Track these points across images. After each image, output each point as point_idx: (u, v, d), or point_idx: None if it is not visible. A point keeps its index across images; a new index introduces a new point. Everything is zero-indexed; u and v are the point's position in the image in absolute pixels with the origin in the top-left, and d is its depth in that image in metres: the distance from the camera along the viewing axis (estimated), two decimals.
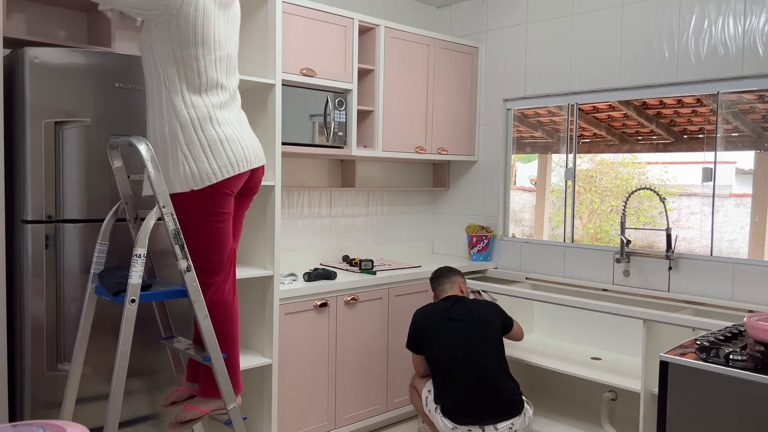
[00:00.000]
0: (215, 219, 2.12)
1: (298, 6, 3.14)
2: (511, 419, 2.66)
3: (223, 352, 2.13)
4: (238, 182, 2.16)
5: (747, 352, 1.82)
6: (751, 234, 3.20)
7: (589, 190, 3.97)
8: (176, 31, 2.03)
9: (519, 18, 3.94)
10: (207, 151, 2.07)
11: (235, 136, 2.14)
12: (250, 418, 2.98)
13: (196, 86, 2.08)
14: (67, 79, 2.21)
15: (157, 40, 2.05)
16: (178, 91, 2.06)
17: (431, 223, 4.47)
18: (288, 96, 3.11)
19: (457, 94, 4.03)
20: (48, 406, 2.22)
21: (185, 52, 2.05)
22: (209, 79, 2.10)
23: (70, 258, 2.25)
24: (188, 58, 2.05)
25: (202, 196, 2.08)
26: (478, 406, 2.66)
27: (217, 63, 2.12)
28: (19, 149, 2.20)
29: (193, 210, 2.08)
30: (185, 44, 2.04)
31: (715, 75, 3.12)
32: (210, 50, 2.09)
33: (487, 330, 2.80)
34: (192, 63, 2.06)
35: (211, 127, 2.09)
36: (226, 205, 2.15)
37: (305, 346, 3.08)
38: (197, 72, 2.07)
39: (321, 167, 3.77)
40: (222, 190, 2.11)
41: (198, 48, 2.06)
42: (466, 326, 2.79)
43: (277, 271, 2.87)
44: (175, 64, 2.05)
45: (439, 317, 2.86)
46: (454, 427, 2.69)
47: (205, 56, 2.08)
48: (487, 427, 2.64)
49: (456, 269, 3.14)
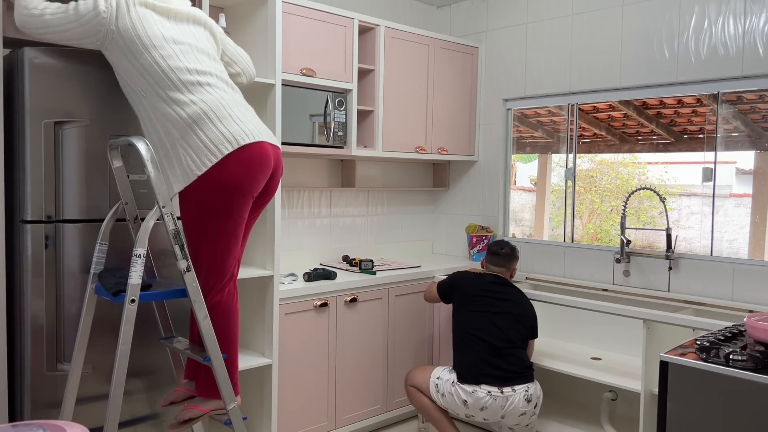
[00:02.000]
0: (230, 222, 2.10)
1: (298, 6, 3.14)
2: (526, 383, 2.85)
3: (222, 352, 2.13)
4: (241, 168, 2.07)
5: (747, 352, 1.82)
6: (751, 234, 3.20)
7: (589, 190, 3.97)
8: (124, 46, 2.05)
9: (519, 18, 3.94)
10: (199, 133, 2.04)
11: (226, 113, 2.10)
12: (250, 418, 2.98)
13: (170, 86, 2.06)
14: (67, 79, 2.21)
15: (116, 62, 2.10)
16: (157, 96, 2.06)
17: (431, 223, 4.47)
18: (288, 96, 3.11)
19: (457, 94, 4.03)
20: (48, 406, 2.22)
21: (143, 62, 2.05)
22: (179, 73, 2.08)
23: (70, 258, 2.25)
24: (148, 66, 2.05)
25: (209, 191, 2.05)
26: (496, 368, 2.83)
27: (179, 55, 2.10)
28: (19, 149, 2.20)
29: (201, 206, 2.07)
30: (139, 54, 2.05)
31: (715, 75, 3.12)
32: (164, 47, 2.08)
33: (518, 324, 2.95)
34: (155, 68, 2.06)
35: (200, 113, 2.06)
36: (242, 207, 2.12)
37: (305, 346, 3.08)
38: (164, 73, 2.06)
39: (321, 167, 3.77)
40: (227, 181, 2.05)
41: (152, 51, 2.06)
42: (502, 307, 2.95)
43: (277, 271, 2.87)
44: (142, 76, 2.06)
45: (486, 288, 3.01)
46: (474, 389, 2.82)
47: (162, 56, 2.07)
48: (505, 389, 2.80)
49: (516, 257, 3.20)
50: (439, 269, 3.71)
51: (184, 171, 2.04)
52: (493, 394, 2.79)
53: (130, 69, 2.07)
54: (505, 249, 3.16)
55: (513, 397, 2.79)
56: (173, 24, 2.15)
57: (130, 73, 2.08)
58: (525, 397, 2.81)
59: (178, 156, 2.05)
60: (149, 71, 2.06)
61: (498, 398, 2.79)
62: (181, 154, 2.04)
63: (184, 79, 2.08)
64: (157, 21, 2.11)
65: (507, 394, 2.79)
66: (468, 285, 3.05)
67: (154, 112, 2.07)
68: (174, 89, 2.06)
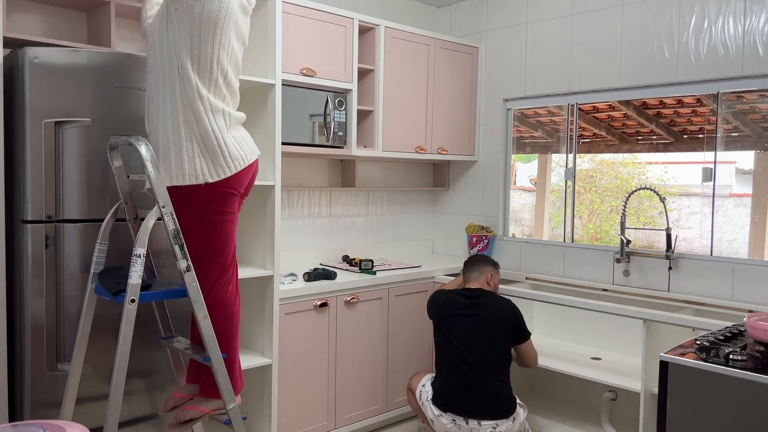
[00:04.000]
0: (224, 218, 2.12)
1: (298, 6, 3.14)
2: (495, 420, 2.71)
3: (222, 352, 2.13)
4: (244, 179, 2.17)
5: (747, 352, 1.82)
6: (751, 234, 3.20)
7: (589, 190, 3.97)
8: (197, 21, 2.03)
9: (519, 18, 3.94)
10: (221, 143, 2.07)
11: (240, 131, 2.19)
12: (250, 418, 2.98)
13: (208, 81, 2.08)
14: (67, 79, 2.21)
15: (175, 27, 2.05)
16: (192, 84, 2.05)
17: (431, 223, 4.47)
18: (288, 96, 3.11)
19: (457, 94, 4.03)
20: (48, 406, 2.22)
21: (201, 45, 2.05)
22: (221, 77, 2.11)
23: (70, 258, 2.25)
24: (204, 51, 2.05)
25: (212, 194, 2.07)
26: (464, 400, 2.72)
27: (228, 64, 2.14)
28: (19, 149, 2.20)
29: (201, 207, 2.08)
30: (203, 38, 2.05)
31: (715, 75, 3.12)
32: (224, 49, 2.10)
33: (493, 332, 2.80)
34: (206, 58, 2.06)
35: (223, 122, 2.09)
36: (233, 204, 2.16)
37: (305, 346, 3.08)
38: (209, 67, 2.07)
39: (321, 167, 3.77)
40: (230, 190, 2.12)
41: (215, 45, 2.07)
42: (473, 321, 2.82)
43: (277, 271, 2.87)
44: (191, 55, 2.05)
45: (454, 306, 2.90)
46: (440, 414, 2.77)
47: (220, 54, 2.08)
48: (471, 421, 2.70)
49: (491, 260, 3.13)
50: (439, 269, 3.71)
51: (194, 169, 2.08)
52: (457, 422, 2.71)
53: (186, 45, 2.08)
54: (474, 257, 3.15)
55: (478, 430, 2.69)
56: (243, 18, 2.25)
57: (182, 49, 2.08)
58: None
59: (191, 151, 2.08)
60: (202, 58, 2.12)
61: (462, 428, 2.71)
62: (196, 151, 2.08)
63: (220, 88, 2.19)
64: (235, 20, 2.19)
65: (471, 426, 2.69)
66: (438, 307, 2.95)
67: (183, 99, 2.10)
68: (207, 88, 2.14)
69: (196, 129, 2.05)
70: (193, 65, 2.05)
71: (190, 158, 2.04)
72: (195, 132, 2.05)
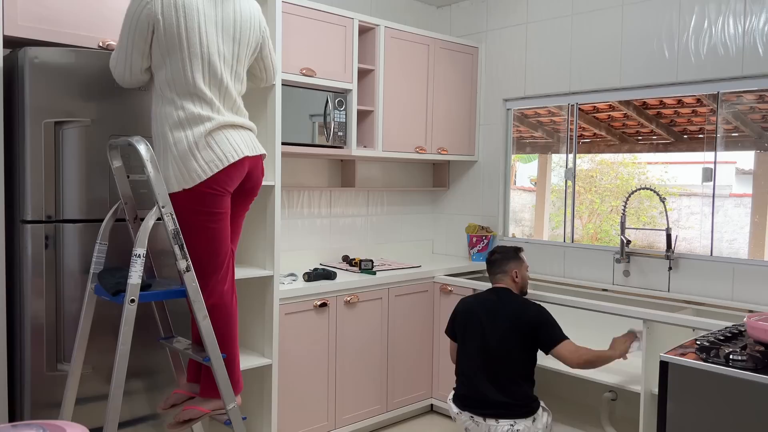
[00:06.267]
0: (208, 219, 2.11)
1: (298, 6, 3.14)
2: (514, 419, 2.66)
3: (222, 352, 2.13)
4: (228, 180, 2.13)
5: (747, 352, 1.82)
6: (751, 234, 3.20)
7: (589, 190, 3.97)
8: (161, 36, 2.05)
9: (519, 18, 3.94)
10: (193, 148, 2.06)
11: (222, 133, 2.13)
12: (250, 418, 2.98)
13: (184, 90, 2.08)
14: (67, 79, 2.21)
15: (152, 50, 2.10)
16: (168, 97, 2.08)
17: (431, 223, 4.47)
18: (288, 96, 3.11)
19: (457, 94, 4.03)
20: (48, 406, 2.22)
21: (171, 57, 2.07)
22: (195, 83, 2.09)
23: (70, 258, 2.25)
24: (174, 62, 2.07)
25: (192, 196, 2.07)
26: (481, 404, 2.70)
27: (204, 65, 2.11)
28: (19, 149, 2.20)
29: (185, 210, 2.08)
30: (171, 48, 2.06)
31: (715, 75, 3.12)
32: (196, 56, 2.09)
33: (511, 340, 2.72)
34: (178, 67, 2.07)
35: (200, 126, 2.08)
36: (219, 204, 2.13)
37: (305, 346, 3.08)
38: (184, 76, 2.07)
39: (321, 167, 3.77)
40: (211, 191, 2.09)
41: (182, 52, 2.06)
42: (491, 330, 2.74)
43: (277, 271, 2.87)
44: (165, 70, 2.08)
45: (477, 309, 2.82)
46: (459, 411, 2.76)
47: (190, 60, 2.08)
48: (488, 419, 2.68)
49: (513, 255, 2.93)
50: (439, 269, 3.71)
51: (172, 178, 2.09)
52: (475, 419, 2.70)
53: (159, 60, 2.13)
54: (494, 255, 2.97)
55: (495, 428, 2.66)
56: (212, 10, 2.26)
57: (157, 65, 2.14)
58: (509, 431, 2.65)
59: (166, 160, 2.10)
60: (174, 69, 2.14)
61: (480, 424, 2.69)
62: (170, 160, 2.09)
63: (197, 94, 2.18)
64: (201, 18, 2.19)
65: (489, 423, 2.67)
66: (460, 314, 2.89)
67: (160, 111, 2.14)
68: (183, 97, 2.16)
69: (171, 138, 2.07)
70: (169, 82, 2.08)
71: (166, 168, 2.07)
72: (169, 141, 2.07)
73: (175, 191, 2.06)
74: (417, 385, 3.66)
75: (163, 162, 2.08)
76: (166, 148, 2.08)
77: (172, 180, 2.06)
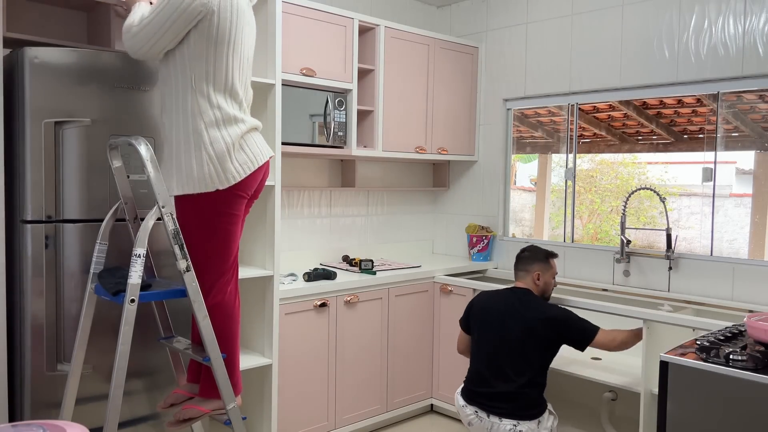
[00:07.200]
0: (228, 221, 2.14)
1: (298, 6, 3.14)
2: (518, 420, 2.65)
3: (222, 353, 2.13)
4: (253, 182, 2.18)
5: (747, 352, 1.82)
6: (751, 234, 3.20)
7: (589, 190, 3.97)
8: (214, 29, 2.05)
9: (519, 18, 3.93)
10: (230, 149, 2.09)
11: (250, 136, 2.20)
12: (250, 418, 2.98)
13: (222, 87, 2.10)
14: (67, 79, 2.21)
15: (191, 38, 2.06)
16: (204, 92, 2.08)
17: (431, 223, 4.47)
18: (288, 96, 3.11)
19: (457, 94, 4.03)
20: (48, 406, 2.22)
21: (218, 51, 2.08)
22: (233, 81, 2.13)
23: (70, 258, 2.25)
24: (219, 57, 2.08)
25: (221, 198, 2.09)
26: (488, 401, 2.69)
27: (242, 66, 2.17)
28: (19, 149, 2.20)
29: (208, 211, 2.09)
30: (220, 43, 2.07)
31: (715, 75, 3.12)
32: (237, 58, 2.14)
33: (525, 342, 2.70)
34: (222, 63, 2.09)
35: (235, 127, 2.12)
36: (240, 207, 2.18)
37: (305, 346, 3.08)
38: (225, 72, 2.10)
39: (321, 167, 3.77)
40: (241, 193, 2.14)
41: (228, 48, 2.09)
42: (505, 331, 2.73)
43: (277, 271, 2.87)
44: (206, 63, 2.07)
45: (497, 306, 2.80)
46: (464, 404, 2.76)
47: (233, 57, 2.12)
48: (492, 416, 2.67)
49: (542, 257, 2.89)
50: (439, 269, 3.71)
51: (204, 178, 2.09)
52: (479, 414, 2.70)
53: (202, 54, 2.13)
54: (524, 252, 2.93)
55: (498, 425, 2.65)
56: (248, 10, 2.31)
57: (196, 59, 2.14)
58: (511, 430, 2.64)
59: (200, 159, 2.10)
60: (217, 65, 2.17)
61: (484, 420, 2.68)
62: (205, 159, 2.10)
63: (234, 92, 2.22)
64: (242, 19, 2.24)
65: (492, 420, 2.66)
66: (476, 308, 2.87)
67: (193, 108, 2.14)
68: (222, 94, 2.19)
69: (207, 137, 2.07)
70: (208, 76, 2.08)
71: (200, 166, 2.06)
72: (206, 140, 2.07)
73: (208, 191, 2.06)
74: (417, 385, 3.66)
75: (197, 160, 2.06)
76: (200, 146, 2.06)
77: (207, 179, 2.06)
